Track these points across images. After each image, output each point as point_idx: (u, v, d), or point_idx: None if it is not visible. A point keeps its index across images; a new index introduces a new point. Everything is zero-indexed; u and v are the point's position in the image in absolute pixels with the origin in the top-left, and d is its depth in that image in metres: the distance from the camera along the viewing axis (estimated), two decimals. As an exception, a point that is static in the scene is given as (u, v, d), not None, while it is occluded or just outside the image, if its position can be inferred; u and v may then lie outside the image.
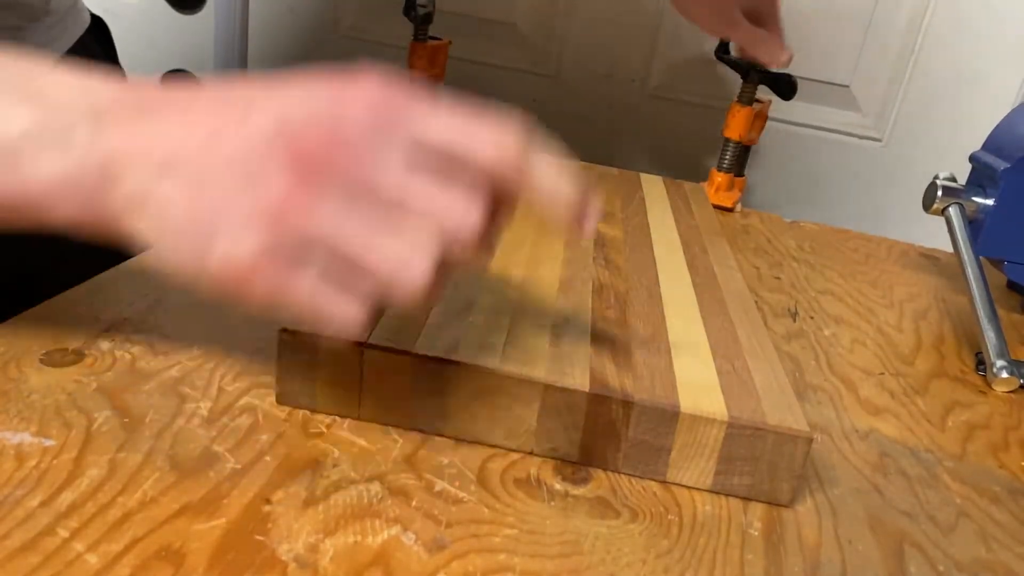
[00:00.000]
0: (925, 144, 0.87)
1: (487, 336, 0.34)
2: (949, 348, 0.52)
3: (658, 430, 0.32)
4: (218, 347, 0.37)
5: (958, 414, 0.43)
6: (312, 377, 0.33)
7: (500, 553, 0.27)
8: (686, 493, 0.32)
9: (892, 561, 0.31)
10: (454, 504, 0.29)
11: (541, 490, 0.31)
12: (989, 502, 0.36)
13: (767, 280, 0.59)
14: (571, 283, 0.42)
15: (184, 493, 0.28)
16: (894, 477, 0.36)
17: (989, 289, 0.51)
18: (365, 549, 0.26)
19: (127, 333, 0.37)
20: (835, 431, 0.39)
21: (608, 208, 0.57)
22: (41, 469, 0.28)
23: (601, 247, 0.49)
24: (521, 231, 0.49)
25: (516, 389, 0.32)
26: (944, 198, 0.55)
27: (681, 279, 0.45)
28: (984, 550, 0.32)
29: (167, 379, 0.34)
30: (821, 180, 0.90)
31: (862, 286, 0.61)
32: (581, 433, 0.32)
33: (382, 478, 0.30)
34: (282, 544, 0.26)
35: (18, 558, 0.24)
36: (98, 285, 0.41)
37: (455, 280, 0.40)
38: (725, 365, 0.35)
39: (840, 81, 0.86)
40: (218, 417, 0.32)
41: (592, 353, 0.35)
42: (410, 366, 0.32)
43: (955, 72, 0.84)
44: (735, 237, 0.68)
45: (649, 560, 0.28)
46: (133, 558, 0.25)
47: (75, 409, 0.31)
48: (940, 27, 0.83)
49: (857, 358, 0.48)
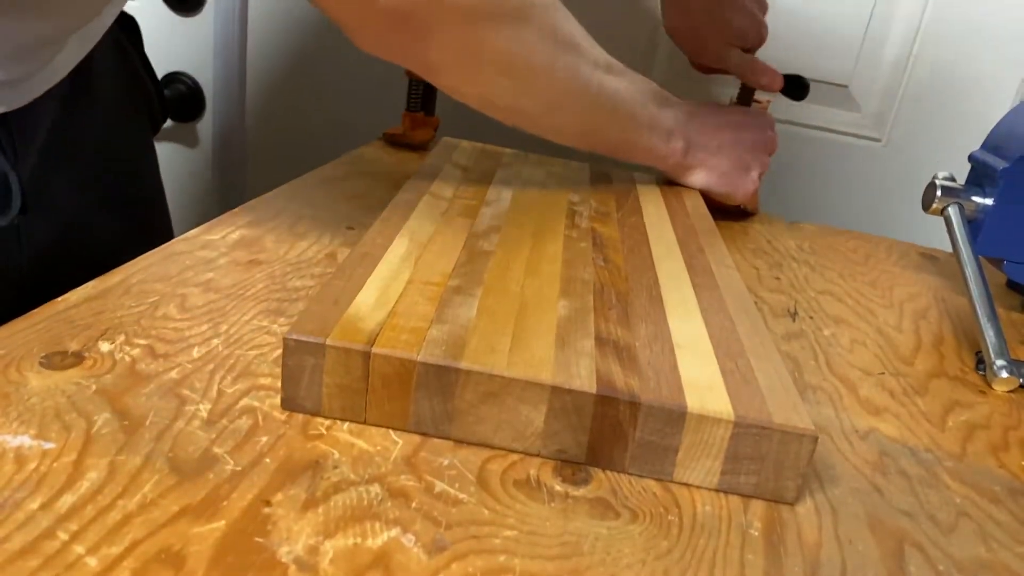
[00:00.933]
0: (924, 144, 0.87)
1: (492, 339, 0.34)
2: (949, 348, 0.52)
3: (665, 430, 0.32)
4: (218, 349, 0.37)
5: (958, 414, 0.43)
6: (317, 383, 0.33)
7: (500, 554, 0.27)
8: (686, 494, 0.32)
9: (892, 561, 0.31)
10: (454, 506, 0.29)
11: (541, 491, 0.31)
12: (989, 502, 0.36)
13: (767, 280, 0.59)
14: (572, 284, 0.42)
15: (184, 495, 0.28)
16: (894, 477, 0.36)
17: (988, 288, 0.51)
18: (365, 551, 0.26)
19: (127, 335, 0.37)
20: (835, 431, 0.39)
21: (604, 208, 0.57)
22: (41, 472, 0.28)
23: (600, 247, 0.49)
24: (521, 232, 0.49)
25: (523, 392, 0.32)
26: (943, 198, 0.55)
27: (680, 279, 0.45)
28: (984, 550, 0.32)
29: (167, 381, 0.34)
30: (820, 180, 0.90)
31: (861, 286, 0.61)
32: (588, 435, 0.32)
33: (382, 480, 0.30)
34: (282, 546, 0.26)
35: (18, 561, 0.24)
36: (98, 287, 0.41)
37: (457, 282, 0.40)
38: (728, 365, 0.36)
39: (839, 81, 0.86)
40: (218, 419, 0.32)
41: (597, 354, 0.35)
42: (416, 372, 0.32)
43: (955, 72, 0.84)
44: (734, 237, 0.68)
45: (649, 561, 0.28)
46: (133, 560, 0.24)
47: (75, 412, 0.31)
48: (939, 27, 0.83)
49: (857, 358, 0.48)
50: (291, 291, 0.44)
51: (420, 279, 0.39)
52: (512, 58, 0.51)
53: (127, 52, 0.64)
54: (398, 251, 0.42)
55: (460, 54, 0.49)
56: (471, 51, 0.49)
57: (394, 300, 0.36)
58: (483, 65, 0.51)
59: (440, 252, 0.43)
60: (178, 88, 0.98)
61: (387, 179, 0.67)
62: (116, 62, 0.61)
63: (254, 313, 0.41)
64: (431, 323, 0.35)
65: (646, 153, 0.64)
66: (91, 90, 0.57)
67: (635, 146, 0.63)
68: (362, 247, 0.42)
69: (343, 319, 0.34)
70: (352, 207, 0.59)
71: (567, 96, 0.56)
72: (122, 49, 0.63)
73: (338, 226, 0.55)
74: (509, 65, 0.51)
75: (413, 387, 0.32)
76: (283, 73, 0.98)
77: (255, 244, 0.49)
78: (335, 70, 0.96)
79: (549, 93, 0.55)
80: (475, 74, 0.51)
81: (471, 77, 0.52)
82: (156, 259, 0.45)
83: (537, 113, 0.56)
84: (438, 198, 0.53)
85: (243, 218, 0.53)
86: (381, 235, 0.44)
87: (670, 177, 0.69)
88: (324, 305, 0.35)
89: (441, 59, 0.49)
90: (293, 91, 0.98)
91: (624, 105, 0.60)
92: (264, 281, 0.45)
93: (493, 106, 0.54)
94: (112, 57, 0.60)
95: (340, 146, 0.77)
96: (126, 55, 0.63)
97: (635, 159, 0.65)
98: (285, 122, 1.00)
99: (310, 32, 0.96)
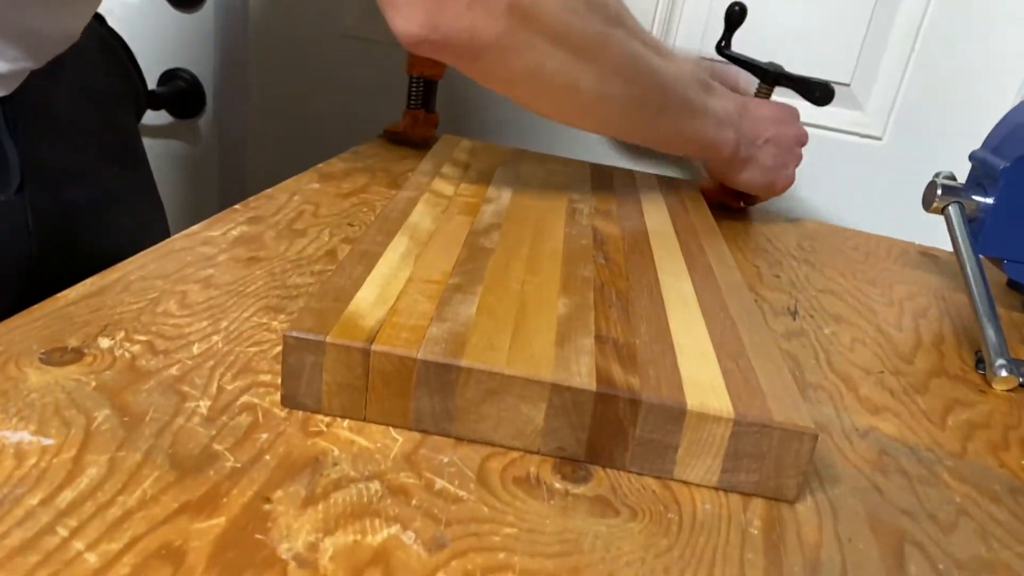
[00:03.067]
0: (925, 143, 0.87)
1: (492, 337, 0.34)
2: (949, 347, 0.52)
3: (665, 428, 0.32)
4: (218, 346, 0.37)
5: (958, 413, 0.43)
6: (317, 381, 0.33)
7: (500, 552, 0.27)
8: (686, 492, 0.32)
9: (892, 560, 0.31)
10: (454, 503, 0.29)
11: (541, 489, 0.31)
12: (989, 501, 0.36)
13: (767, 279, 0.59)
14: (572, 281, 0.42)
15: (184, 492, 0.28)
16: (894, 476, 0.36)
17: (989, 288, 0.51)
18: (365, 548, 0.26)
19: (127, 332, 0.37)
20: (835, 430, 0.39)
21: (605, 206, 0.57)
22: (40, 468, 0.28)
23: (600, 245, 0.48)
24: (522, 229, 0.49)
25: (523, 390, 0.32)
26: (944, 197, 0.55)
27: (681, 277, 0.45)
28: (984, 549, 0.32)
29: (167, 378, 0.34)
30: (821, 178, 0.90)
31: (862, 284, 0.61)
32: (588, 432, 0.32)
33: (382, 477, 0.30)
34: (282, 543, 0.26)
35: (17, 557, 0.24)
36: (98, 284, 0.41)
37: (457, 280, 0.40)
38: (728, 363, 0.36)
39: (840, 79, 0.86)
40: (218, 416, 0.32)
41: (597, 352, 0.35)
42: (416, 370, 0.32)
43: (955, 71, 0.84)
44: (735, 236, 0.68)
45: (648, 559, 0.28)
46: (133, 557, 0.24)
47: (74, 408, 0.31)
48: (940, 25, 0.83)
49: (857, 357, 0.48)
50: (291, 288, 0.44)
51: (420, 277, 0.39)
52: (568, 27, 0.49)
53: (112, 46, 0.66)
54: (398, 249, 0.42)
55: (512, 20, 0.47)
56: (524, 15, 0.47)
57: (394, 298, 0.36)
58: (536, 35, 0.48)
59: (440, 250, 0.43)
60: (179, 84, 0.97)
61: (387, 176, 0.67)
62: (103, 52, 0.63)
63: (254, 310, 0.41)
64: (431, 321, 0.35)
65: (698, 143, 0.62)
66: (85, 78, 0.58)
67: (688, 135, 0.60)
68: (362, 244, 0.42)
69: (343, 316, 0.34)
70: (352, 204, 0.59)
71: (620, 73, 0.53)
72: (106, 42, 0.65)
73: (338, 223, 0.55)
74: (565, 34, 0.49)
75: (413, 385, 0.32)
76: (284, 70, 0.98)
77: (255, 241, 0.49)
78: (336, 67, 0.96)
79: (603, 67, 0.52)
80: (528, 44, 0.48)
81: (523, 48, 0.48)
82: (156, 256, 0.45)
83: (590, 92, 0.52)
84: (438, 196, 0.53)
85: (243, 215, 0.53)
86: (381, 232, 0.44)
87: (717, 174, 0.68)
88: (324, 302, 0.35)
89: (490, 28, 0.46)
90: (294, 88, 0.98)
91: (675, 88, 0.57)
92: (264, 278, 0.45)
93: (543, 85, 0.50)
94: (99, 47, 0.62)
95: (340, 143, 0.77)
96: (111, 48, 0.66)
97: (686, 150, 0.63)
98: (286, 119, 1.00)
99: (311, 29, 0.96)
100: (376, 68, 0.95)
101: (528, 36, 0.48)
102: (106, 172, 0.61)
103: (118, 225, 0.60)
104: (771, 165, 0.68)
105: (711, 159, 0.65)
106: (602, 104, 0.54)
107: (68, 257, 0.51)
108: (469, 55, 0.47)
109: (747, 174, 0.67)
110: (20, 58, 0.48)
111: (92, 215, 0.58)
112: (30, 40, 0.48)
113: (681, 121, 0.59)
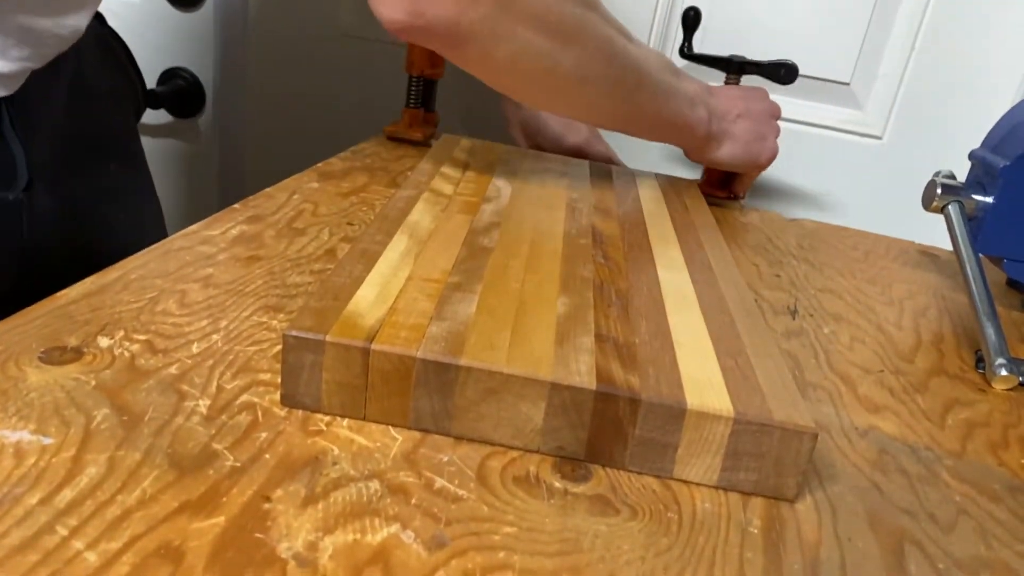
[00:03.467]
0: (925, 142, 0.87)
1: (491, 336, 0.34)
2: (948, 346, 0.52)
3: (665, 427, 0.32)
4: (217, 345, 0.37)
5: (958, 412, 0.43)
6: (317, 380, 0.33)
7: (499, 551, 0.27)
8: (685, 491, 0.32)
9: (892, 559, 0.31)
10: (453, 502, 0.29)
11: (540, 488, 0.31)
12: (989, 500, 0.36)
13: (767, 278, 0.59)
14: (572, 280, 0.42)
15: (183, 491, 0.28)
16: (894, 475, 0.36)
17: (988, 287, 0.51)
18: (364, 547, 0.26)
19: (126, 331, 0.37)
20: (834, 429, 0.39)
21: (604, 205, 0.57)
22: (40, 467, 0.28)
23: (600, 244, 0.48)
24: (521, 228, 0.49)
25: (522, 388, 0.32)
26: (943, 196, 0.55)
27: (680, 275, 0.45)
28: (984, 548, 0.32)
29: (166, 377, 0.34)
30: (821, 177, 0.90)
31: (861, 284, 0.61)
32: (588, 431, 0.32)
33: (381, 476, 0.30)
34: (281, 542, 0.26)
35: (17, 556, 0.24)
36: (97, 283, 0.41)
37: (457, 279, 0.40)
38: (728, 362, 0.36)
39: (840, 78, 0.86)
40: (217, 415, 0.32)
41: (597, 351, 0.35)
42: (416, 369, 0.32)
43: (955, 70, 0.84)
44: (735, 235, 0.68)
45: (648, 558, 0.28)
46: (132, 556, 0.24)
47: (74, 407, 0.31)
48: (940, 24, 0.83)
49: (856, 356, 0.48)
50: (290, 287, 0.44)
51: (420, 276, 0.39)
52: (548, 11, 0.50)
53: (112, 46, 0.66)
54: (398, 247, 0.42)
55: (494, 6, 0.48)
56: (504, 6, 0.49)
57: (394, 297, 0.36)
58: (518, 20, 0.49)
59: (440, 249, 0.43)
60: (178, 83, 0.97)
61: (387, 175, 0.67)
62: (103, 52, 0.63)
63: (254, 309, 0.41)
64: (431, 320, 0.35)
65: (675, 124, 0.63)
66: (85, 78, 0.59)
67: (665, 116, 0.62)
68: (361, 243, 0.42)
69: (343, 316, 0.34)
70: (352, 203, 0.59)
71: (598, 56, 0.55)
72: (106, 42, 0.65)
73: (338, 222, 0.55)
74: (545, 18, 0.50)
75: (413, 384, 0.32)
76: (283, 69, 0.98)
77: (255, 240, 0.49)
78: (336, 66, 0.96)
79: (583, 50, 0.54)
80: (508, 34, 0.50)
81: (504, 37, 0.50)
82: (155, 255, 0.45)
83: (572, 75, 0.54)
84: (438, 194, 0.53)
85: (243, 214, 0.53)
86: (381, 231, 0.44)
87: (695, 155, 0.69)
88: (324, 301, 0.35)
89: (473, 14, 0.48)
90: (293, 87, 0.98)
91: (650, 72, 0.59)
92: (264, 277, 0.45)
93: (527, 69, 0.52)
94: (98, 47, 0.62)
95: (340, 142, 0.77)
96: (111, 48, 0.66)
97: (663, 133, 0.64)
98: (285, 118, 1.00)
99: (311, 28, 0.96)
100: (375, 68, 0.95)
101: (510, 22, 0.49)
102: (105, 171, 0.61)
103: (117, 224, 0.61)
104: (748, 139, 0.69)
105: (687, 141, 0.66)
106: (585, 87, 0.56)
107: (67, 256, 0.52)
108: (453, 41, 0.49)
109: (726, 149, 0.68)
110: (22, 58, 0.48)
111: (91, 214, 0.59)
112: (32, 40, 0.48)
113: (658, 102, 0.61)
